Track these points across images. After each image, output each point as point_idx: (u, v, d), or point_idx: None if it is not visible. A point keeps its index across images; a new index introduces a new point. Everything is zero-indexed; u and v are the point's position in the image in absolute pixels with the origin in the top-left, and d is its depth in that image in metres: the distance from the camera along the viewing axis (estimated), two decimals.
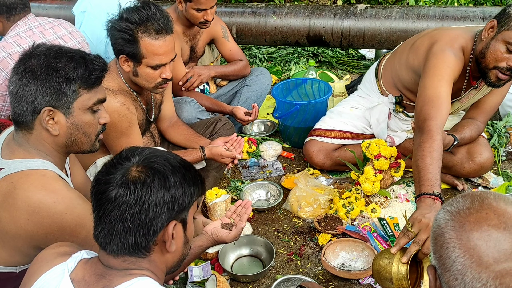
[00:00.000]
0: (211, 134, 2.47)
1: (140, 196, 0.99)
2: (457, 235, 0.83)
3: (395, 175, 2.26)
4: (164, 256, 1.07)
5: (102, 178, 1.03)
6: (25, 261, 1.35)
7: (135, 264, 1.03)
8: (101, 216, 1.01)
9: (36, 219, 1.28)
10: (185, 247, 1.11)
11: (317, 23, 3.44)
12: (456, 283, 0.81)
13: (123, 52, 1.86)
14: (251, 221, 2.31)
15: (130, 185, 0.99)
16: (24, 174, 1.30)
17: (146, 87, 1.97)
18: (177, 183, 1.03)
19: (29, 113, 1.32)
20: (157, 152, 1.08)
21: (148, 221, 1.00)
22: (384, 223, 2.16)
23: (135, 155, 1.05)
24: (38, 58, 1.31)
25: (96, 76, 1.36)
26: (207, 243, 1.65)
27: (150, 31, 1.84)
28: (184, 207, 1.05)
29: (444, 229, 0.85)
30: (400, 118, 2.52)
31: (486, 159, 2.32)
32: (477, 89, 2.25)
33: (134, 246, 1.01)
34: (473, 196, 0.88)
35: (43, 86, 1.30)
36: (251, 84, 2.98)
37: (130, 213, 0.99)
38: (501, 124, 2.75)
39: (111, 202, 0.99)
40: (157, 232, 1.01)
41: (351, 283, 1.92)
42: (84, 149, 1.44)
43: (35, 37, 2.26)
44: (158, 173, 1.01)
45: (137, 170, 1.01)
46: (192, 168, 1.10)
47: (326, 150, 2.53)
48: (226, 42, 2.95)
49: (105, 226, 1.01)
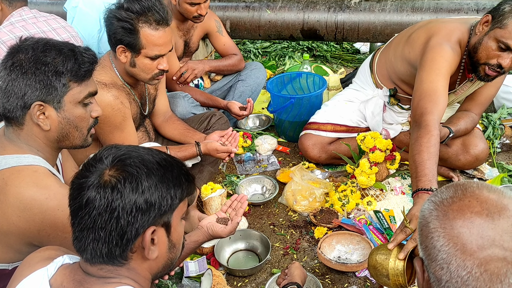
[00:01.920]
0: (205, 128, 2.46)
1: (110, 203, 0.92)
2: (441, 224, 0.82)
3: (390, 167, 2.26)
4: (145, 263, 0.99)
5: (76, 181, 0.97)
6: (17, 258, 1.34)
7: (113, 272, 0.97)
8: (74, 223, 0.96)
9: (28, 215, 1.26)
10: (171, 251, 1.03)
11: (311, 16, 3.43)
12: (442, 273, 0.80)
13: (122, 42, 1.85)
14: (247, 215, 2.30)
15: (100, 191, 0.92)
16: (16, 170, 1.28)
17: (142, 78, 1.96)
18: (152, 187, 0.95)
19: (19, 108, 1.30)
20: (134, 152, 0.99)
21: (119, 229, 0.92)
22: (380, 216, 2.16)
23: (108, 155, 0.97)
24: (26, 52, 1.29)
25: (86, 68, 1.34)
26: (203, 237, 1.64)
27: (151, 21, 1.84)
28: (164, 211, 0.97)
29: (429, 219, 0.85)
30: (395, 111, 2.52)
31: (481, 151, 2.33)
32: (472, 82, 2.25)
33: (108, 255, 0.95)
34: (457, 186, 0.88)
35: (32, 80, 1.28)
36: (246, 79, 2.96)
37: (100, 220, 0.92)
38: (496, 116, 2.76)
39: (82, 209, 0.93)
40: (132, 240, 0.94)
41: (347, 276, 1.92)
42: (76, 144, 1.42)
43: (28, 27, 2.24)
44: (130, 177, 0.94)
45: (109, 174, 0.94)
46: (175, 168, 1.01)
47: (321, 143, 2.52)
48: (220, 36, 2.93)
49: (78, 234, 0.95)
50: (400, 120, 2.53)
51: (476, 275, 0.77)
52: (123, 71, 1.96)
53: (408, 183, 2.45)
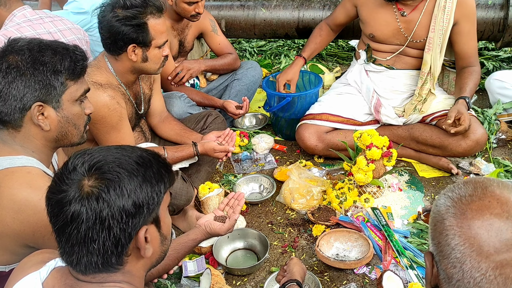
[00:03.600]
0: (202, 128, 2.46)
1: (99, 214, 0.89)
2: (458, 223, 0.80)
3: (387, 164, 2.26)
4: (140, 262, 0.99)
5: (54, 197, 0.93)
6: (14, 260, 1.33)
7: (107, 279, 0.95)
8: (61, 240, 0.93)
9: (22, 217, 1.25)
10: (163, 243, 1.03)
11: (306, 15, 3.42)
12: (454, 271, 0.79)
13: (135, 40, 1.84)
14: (245, 214, 2.30)
15: (85, 203, 0.89)
16: (9, 171, 1.27)
17: (153, 70, 1.98)
18: (136, 188, 0.92)
19: (17, 111, 1.29)
20: (109, 157, 0.95)
21: (113, 237, 0.90)
22: (378, 213, 2.16)
23: (83, 163, 0.93)
24: (21, 53, 1.28)
25: (81, 66, 1.34)
26: (201, 236, 1.64)
27: (153, 11, 1.86)
28: (153, 209, 0.96)
29: (445, 215, 0.83)
30: (376, 71, 2.61)
31: (481, 135, 2.37)
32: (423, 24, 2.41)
33: (103, 264, 0.93)
34: (476, 183, 0.85)
35: (31, 81, 1.27)
36: (242, 78, 2.96)
37: (91, 233, 0.89)
38: (491, 112, 2.76)
39: (68, 225, 0.90)
40: (126, 245, 0.93)
41: (345, 273, 1.92)
42: (74, 142, 1.42)
43: (35, 27, 2.21)
44: (112, 184, 0.91)
45: (89, 185, 0.91)
46: (154, 163, 0.99)
47: (318, 132, 2.55)
48: (215, 35, 2.93)
49: (69, 250, 0.93)
50: (378, 83, 2.61)
51: (490, 278, 0.76)
52: (124, 70, 1.94)
53: (405, 180, 2.46)
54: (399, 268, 1.90)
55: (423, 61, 2.46)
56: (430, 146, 2.48)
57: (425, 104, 2.50)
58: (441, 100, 2.51)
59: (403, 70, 2.57)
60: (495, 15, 3.06)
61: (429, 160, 2.53)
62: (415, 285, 1.71)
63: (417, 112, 2.51)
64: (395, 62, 2.56)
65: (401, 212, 2.24)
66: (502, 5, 3.05)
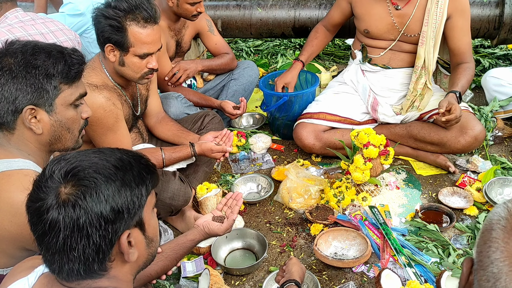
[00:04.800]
0: (199, 128, 2.46)
1: (75, 221, 0.87)
2: (505, 237, 0.76)
3: (384, 163, 2.27)
4: (126, 266, 0.97)
5: (32, 205, 0.92)
6: (12, 263, 1.32)
7: (92, 285, 0.94)
8: (42, 248, 0.92)
9: (19, 220, 1.24)
10: (150, 246, 1.01)
11: (302, 14, 3.42)
12: (487, 285, 0.75)
13: (110, 40, 1.84)
14: (243, 214, 2.30)
15: (61, 211, 0.88)
16: (6, 174, 1.27)
17: (132, 77, 1.95)
18: (115, 193, 0.91)
19: (10, 113, 1.29)
20: (85, 162, 0.93)
21: (93, 244, 0.89)
22: (375, 211, 2.16)
23: (60, 169, 0.91)
24: (15, 56, 1.28)
25: (76, 70, 1.34)
26: (199, 236, 1.64)
27: (139, 19, 1.83)
28: (135, 212, 0.94)
29: (494, 225, 0.78)
30: (371, 71, 2.62)
31: (479, 131, 2.37)
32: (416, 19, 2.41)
33: (86, 271, 0.92)
34: None
35: (23, 84, 1.26)
36: (238, 78, 2.96)
37: (70, 241, 0.88)
38: (488, 109, 2.77)
39: (47, 234, 0.89)
40: (108, 251, 0.92)
41: (344, 272, 1.93)
42: (68, 146, 1.41)
43: (27, 28, 2.22)
44: (89, 190, 0.89)
45: (65, 192, 0.89)
46: (134, 165, 0.97)
47: (315, 131, 2.56)
48: (212, 35, 2.93)
49: (50, 258, 0.92)
50: (375, 82, 2.62)
51: None
52: (113, 72, 1.95)
53: (403, 178, 2.46)
54: (397, 266, 1.91)
55: (417, 55, 2.48)
56: (429, 143, 2.49)
57: (422, 101, 2.50)
58: (437, 97, 2.52)
59: (398, 69, 2.57)
60: (490, 12, 3.07)
61: (427, 157, 2.54)
62: (413, 283, 1.71)
63: (414, 109, 2.52)
64: (390, 60, 2.57)
65: (399, 210, 2.24)
66: (498, 2, 3.06)
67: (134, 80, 1.97)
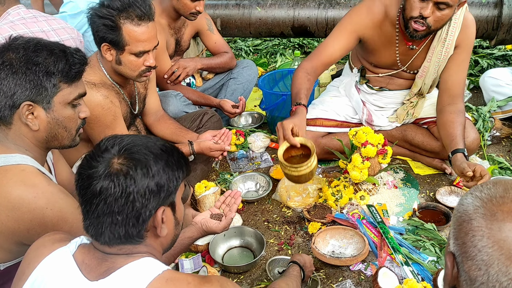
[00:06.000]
0: (198, 127, 2.46)
1: (125, 188, 0.98)
2: (487, 224, 0.77)
3: (382, 162, 2.27)
4: (158, 240, 1.08)
5: (84, 172, 1.02)
6: (8, 257, 1.33)
7: (132, 250, 1.04)
8: (88, 210, 1.01)
9: (16, 215, 1.25)
10: (177, 228, 1.13)
11: (302, 13, 3.44)
12: (479, 273, 0.76)
13: (106, 39, 1.84)
14: (241, 212, 2.31)
15: (113, 178, 0.99)
16: (3, 169, 1.27)
17: (129, 75, 1.96)
18: (160, 170, 1.02)
19: (7, 108, 1.29)
20: (137, 141, 1.06)
21: (136, 211, 1.00)
22: (373, 210, 2.17)
23: (114, 145, 1.03)
24: (17, 51, 1.28)
25: (77, 70, 1.34)
26: (197, 234, 1.64)
27: (132, 17, 1.83)
28: (171, 192, 1.05)
29: (473, 215, 0.80)
30: (366, 92, 2.56)
31: (471, 141, 2.35)
32: (420, 55, 2.31)
33: (125, 236, 1.01)
34: (507, 184, 0.82)
35: (22, 80, 1.27)
36: (237, 77, 2.97)
37: (117, 205, 0.99)
38: (486, 109, 2.78)
39: (96, 197, 0.99)
40: (146, 220, 1.02)
41: (341, 270, 1.94)
42: (64, 144, 1.42)
43: (29, 25, 2.22)
44: (140, 163, 1.01)
45: (118, 162, 1.00)
46: (175, 152, 1.09)
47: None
48: (211, 34, 2.93)
49: (94, 220, 1.01)
50: (371, 100, 2.57)
51: None
52: (110, 70, 1.96)
53: (400, 177, 2.47)
54: (394, 264, 1.92)
55: (414, 83, 2.43)
56: (423, 149, 2.51)
57: (416, 107, 2.50)
58: (433, 102, 2.49)
59: (395, 91, 2.53)
60: (489, 13, 3.09)
61: (423, 159, 2.55)
62: (410, 281, 1.72)
63: (409, 116, 2.52)
64: (388, 84, 2.52)
65: (396, 209, 2.25)
66: (496, 3, 3.07)
67: (132, 78, 1.98)
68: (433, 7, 2.03)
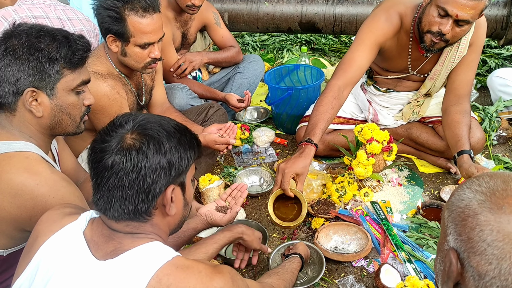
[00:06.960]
0: (203, 120, 2.47)
1: (137, 163, 0.99)
2: (496, 218, 0.76)
3: (387, 159, 2.27)
4: (165, 219, 1.08)
5: (98, 146, 1.03)
6: (11, 244, 1.34)
7: (138, 228, 1.04)
8: (99, 184, 1.02)
9: (19, 201, 1.26)
10: (185, 209, 1.13)
11: (310, 9, 3.42)
12: (489, 268, 0.75)
13: (111, 31, 1.84)
14: (245, 206, 2.31)
15: (126, 153, 0.99)
16: (7, 156, 1.27)
17: (135, 67, 1.96)
18: (172, 148, 1.03)
19: (11, 94, 1.29)
20: (151, 118, 1.07)
21: (146, 187, 1.00)
22: (377, 207, 2.17)
23: (128, 121, 1.04)
24: (19, 37, 1.28)
25: (80, 56, 1.34)
26: (201, 225, 1.65)
27: (137, 8, 1.83)
28: (182, 171, 1.05)
29: (478, 210, 0.79)
30: (373, 93, 2.55)
31: (477, 141, 2.34)
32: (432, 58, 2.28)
33: (134, 212, 1.02)
34: (504, 176, 0.82)
35: (25, 66, 1.27)
36: (244, 71, 2.97)
37: (127, 180, 0.99)
38: (493, 109, 2.77)
39: (108, 170, 1.00)
40: (156, 197, 1.02)
41: (344, 266, 1.94)
42: (68, 131, 1.42)
43: (46, 10, 2.21)
44: (153, 140, 1.01)
45: (131, 138, 1.01)
46: (187, 132, 1.10)
47: None
48: (218, 28, 2.93)
49: (104, 194, 1.02)
50: (378, 101, 2.56)
51: None
52: (117, 61, 1.96)
53: (405, 175, 2.46)
54: (397, 261, 1.92)
55: (423, 84, 2.40)
56: (427, 148, 2.50)
57: (422, 106, 2.49)
58: (439, 101, 2.48)
59: (402, 92, 2.51)
60: (498, 12, 3.06)
61: (428, 157, 2.54)
62: (412, 279, 1.72)
63: (415, 115, 2.51)
64: (396, 86, 2.50)
65: (400, 207, 2.25)
66: (506, 2, 3.05)
67: (138, 69, 1.98)
68: (453, 24, 1.98)
